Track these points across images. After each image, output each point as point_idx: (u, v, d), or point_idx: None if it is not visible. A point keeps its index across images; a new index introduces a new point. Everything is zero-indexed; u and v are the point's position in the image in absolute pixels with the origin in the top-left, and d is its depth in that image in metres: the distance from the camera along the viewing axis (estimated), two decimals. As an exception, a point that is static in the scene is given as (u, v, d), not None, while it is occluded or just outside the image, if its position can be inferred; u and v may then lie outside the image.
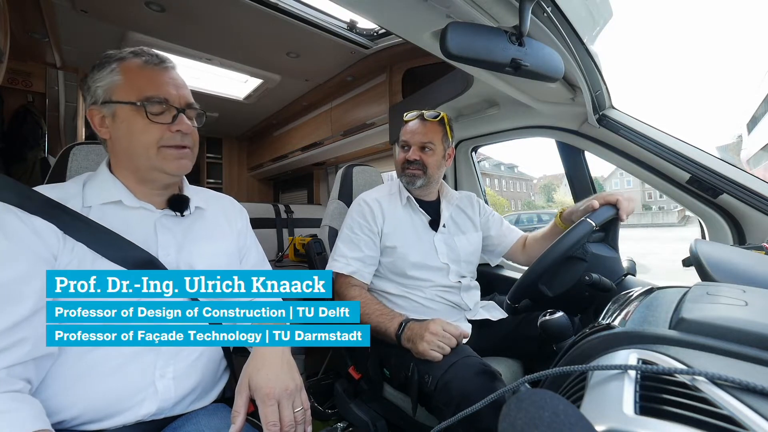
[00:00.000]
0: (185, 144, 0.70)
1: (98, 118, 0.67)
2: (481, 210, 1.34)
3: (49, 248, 0.59)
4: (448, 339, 0.86)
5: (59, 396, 0.59)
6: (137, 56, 0.68)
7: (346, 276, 1.08)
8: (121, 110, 0.65)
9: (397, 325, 0.93)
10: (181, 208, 0.73)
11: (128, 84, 0.66)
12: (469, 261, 1.23)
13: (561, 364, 0.45)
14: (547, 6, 0.77)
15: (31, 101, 2.16)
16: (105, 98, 0.66)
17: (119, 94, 0.65)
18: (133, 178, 0.70)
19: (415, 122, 1.20)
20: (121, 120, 0.66)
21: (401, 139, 1.22)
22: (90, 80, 0.67)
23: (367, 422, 1.06)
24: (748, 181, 1.01)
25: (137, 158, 0.67)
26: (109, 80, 0.66)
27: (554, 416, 0.25)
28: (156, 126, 0.66)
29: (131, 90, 0.65)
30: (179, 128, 0.68)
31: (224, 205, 0.87)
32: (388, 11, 0.88)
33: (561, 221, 1.14)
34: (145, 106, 0.65)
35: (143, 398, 0.63)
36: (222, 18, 1.68)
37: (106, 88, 0.66)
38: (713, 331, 0.35)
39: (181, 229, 0.74)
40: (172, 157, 0.68)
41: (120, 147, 0.68)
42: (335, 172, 2.83)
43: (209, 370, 0.74)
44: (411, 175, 1.17)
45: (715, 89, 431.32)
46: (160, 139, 0.66)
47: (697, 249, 0.59)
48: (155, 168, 0.68)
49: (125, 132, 0.66)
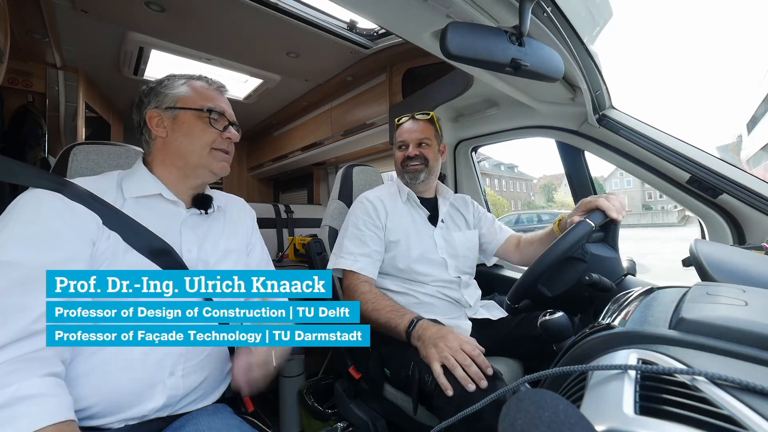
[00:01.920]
0: (229, 150, 0.82)
1: (157, 119, 0.76)
2: (475, 210, 1.38)
3: (90, 233, 0.63)
4: (462, 357, 0.79)
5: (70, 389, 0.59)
6: (201, 80, 0.82)
7: (355, 273, 1.08)
8: (185, 115, 0.76)
9: (408, 321, 0.92)
10: (205, 207, 0.81)
11: (195, 96, 0.78)
12: (466, 256, 1.25)
13: (561, 364, 0.45)
14: (547, 6, 0.77)
15: (31, 101, 2.16)
16: (170, 104, 0.76)
17: (185, 102, 0.77)
18: (177, 174, 0.78)
19: (409, 122, 1.26)
20: (182, 122, 0.76)
21: (397, 140, 1.26)
22: (159, 87, 0.78)
23: (367, 422, 1.06)
24: (748, 181, 1.01)
25: (190, 155, 0.77)
26: (179, 90, 0.78)
27: (554, 416, 0.25)
28: (212, 130, 0.77)
29: (197, 101, 0.78)
30: (229, 136, 0.80)
31: (237, 205, 0.94)
32: (388, 11, 0.88)
33: (557, 228, 1.14)
34: (208, 113, 0.77)
35: (152, 394, 0.65)
36: (222, 18, 1.68)
37: (173, 96, 0.77)
38: (713, 331, 0.35)
39: (202, 226, 0.80)
40: (220, 158, 0.80)
41: (174, 145, 0.76)
42: (335, 172, 2.83)
43: (216, 369, 0.75)
44: (414, 170, 1.21)
45: (715, 89, 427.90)
46: (213, 142, 0.77)
47: (697, 249, 0.59)
48: (204, 165, 0.78)
49: (185, 132, 0.76)
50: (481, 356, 0.80)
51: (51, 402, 0.51)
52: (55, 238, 0.59)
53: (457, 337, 0.83)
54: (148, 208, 0.73)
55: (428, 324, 0.90)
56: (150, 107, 0.77)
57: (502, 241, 1.32)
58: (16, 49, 1.87)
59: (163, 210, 0.75)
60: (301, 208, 2.79)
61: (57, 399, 0.52)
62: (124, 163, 0.92)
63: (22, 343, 0.52)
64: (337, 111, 2.60)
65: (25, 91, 2.14)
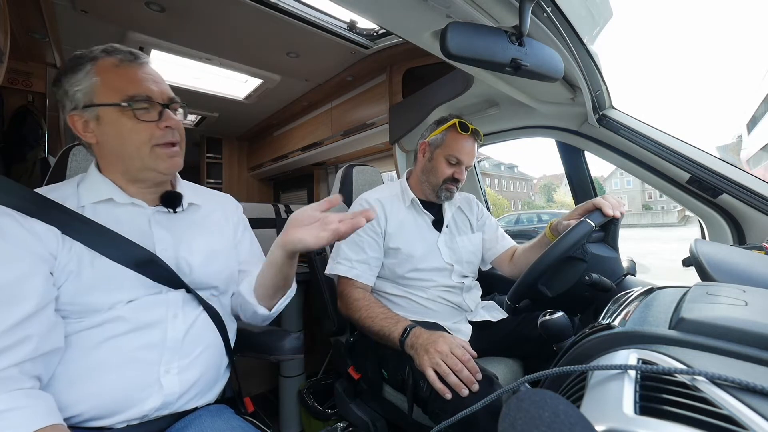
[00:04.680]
0: (175, 140, 0.70)
1: (81, 123, 0.66)
2: (479, 212, 1.35)
3: (48, 248, 0.60)
4: (453, 362, 0.78)
5: (65, 393, 0.59)
6: (109, 54, 0.66)
7: (351, 279, 1.07)
8: (106, 112, 0.64)
9: (402, 330, 0.90)
10: (173, 205, 0.73)
11: (107, 84, 0.64)
12: (470, 261, 1.23)
13: (561, 364, 0.45)
14: (547, 6, 0.77)
15: (31, 101, 2.15)
16: (86, 102, 0.64)
17: (100, 96, 0.64)
18: (124, 179, 0.70)
19: (471, 141, 1.15)
20: (106, 122, 0.64)
21: (451, 152, 1.13)
22: (66, 85, 0.65)
23: (367, 422, 1.06)
24: (748, 181, 1.01)
25: (129, 159, 0.67)
26: (87, 83, 0.64)
27: (554, 416, 0.25)
28: (144, 125, 0.65)
29: (112, 90, 0.64)
30: (168, 124, 0.67)
31: (220, 201, 0.89)
32: (388, 11, 0.87)
33: (550, 232, 1.12)
34: (131, 105, 0.63)
35: (149, 394, 0.64)
36: (222, 18, 1.68)
37: (85, 92, 0.64)
38: (713, 331, 0.35)
39: (176, 225, 0.74)
40: (165, 156, 0.68)
41: (109, 150, 0.67)
42: (335, 172, 2.83)
43: (212, 365, 0.74)
44: (450, 190, 1.17)
45: (715, 89, 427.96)
46: (151, 138, 0.66)
47: (697, 249, 0.59)
48: (148, 168, 0.68)
49: (114, 134, 0.65)
50: (472, 361, 0.79)
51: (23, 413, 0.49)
52: (6, 257, 0.56)
53: (448, 341, 0.82)
54: (105, 213, 0.67)
55: (420, 331, 0.88)
56: (68, 110, 0.66)
57: (501, 251, 1.29)
58: (16, 49, 1.86)
59: (119, 213, 0.68)
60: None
61: (30, 409, 0.50)
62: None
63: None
64: (337, 111, 2.60)
65: (25, 91, 2.13)
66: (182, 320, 0.69)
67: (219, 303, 0.79)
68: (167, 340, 0.67)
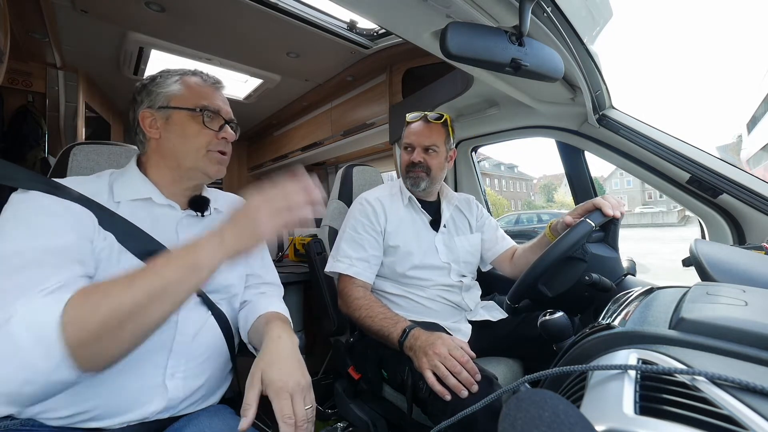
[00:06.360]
0: (226, 151, 0.79)
1: (149, 119, 0.74)
2: (478, 212, 1.35)
3: (88, 230, 0.62)
4: (451, 364, 0.78)
5: (70, 391, 0.59)
6: (196, 75, 0.78)
7: (351, 277, 1.08)
8: (178, 115, 0.73)
9: (401, 331, 0.90)
10: (201, 209, 0.79)
11: (188, 94, 0.74)
12: (468, 261, 1.23)
13: (561, 364, 0.45)
14: (547, 6, 0.77)
15: (31, 101, 2.15)
16: (162, 103, 0.73)
17: (178, 101, 0.74)
18: (171, 177, 0.75)
19: (419, 124, 1.19)
20: (174, 123, 0.73)
21: (404, 141, 1.21)
22: (151, 86, 0.75)
23: (367, 422, 1.06)
24: (748, 181, 1.01)
25: (183, 157, 0.74)
26: (172, 88, 0.74)
27: (554, 416, 0.25)
28: (207, 131, 0.74)
29: (190, 99, 0.74)
30: (225, 136, 0.77)
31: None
32: (388, 11, 0.87)
33: (550, 232, 1.12)
34: (202, 113, 0.73)
35: (152, 397, 0.64)
36: (222, 18, 1.68)
37: (166, 95, 0.74)
38: (713, 331, 0.35)
39: (200, 229, 0.78)
40: (216, 161, 0.76)
41: (168, 146, 0.74)
42: (335, 172, 2.83)
43: (216, 370, 0.75)
44: (415, 177, 1.17)
45: (715, 89, 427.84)
46: (209, 144, 0.74)
47: (697, 249, 0.59)
48: (198, 168, 0.75)
49: (178, 133, 0.73)
50: (470, 362, 0.79)
51: None
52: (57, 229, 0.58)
53: (446, 343, 0.82)
54: (142, 211, 0.71)
55: (419, 333, 0.87)
56: (143, 107, 0.74)
57: (501, 252, 1.29)
58: (16, 49, 1.87)
59: (157, 213, 0.73)
60: None
61: None
62: (124, 163, 0.91)
63: None
64: (337, 111, 2.60)
65: (25, 91, 2.14)
66: (192, 323, 0.70)
67: (228, 307, 0.79)
68: (175, 342, 0.67)
